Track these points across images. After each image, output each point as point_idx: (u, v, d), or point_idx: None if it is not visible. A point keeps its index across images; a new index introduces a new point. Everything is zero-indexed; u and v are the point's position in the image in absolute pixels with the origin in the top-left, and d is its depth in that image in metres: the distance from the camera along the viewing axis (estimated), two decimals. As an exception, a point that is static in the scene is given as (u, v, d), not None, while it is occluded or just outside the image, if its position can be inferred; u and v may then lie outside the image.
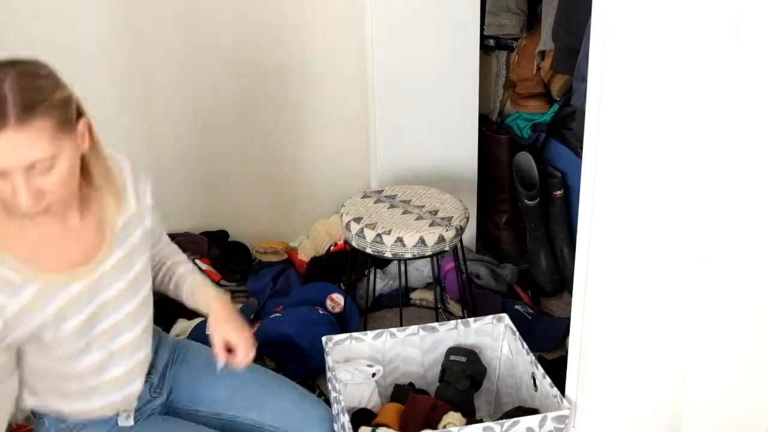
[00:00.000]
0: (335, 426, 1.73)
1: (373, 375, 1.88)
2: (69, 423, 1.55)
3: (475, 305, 2.45)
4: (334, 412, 1.75)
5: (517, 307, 2.53)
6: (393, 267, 2.68)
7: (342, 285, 2.53)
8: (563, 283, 2.72)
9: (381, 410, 1.85)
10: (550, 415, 1.67)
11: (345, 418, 1.68)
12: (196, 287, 1.70)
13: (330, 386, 1.85)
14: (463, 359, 1.92)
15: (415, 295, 2.66)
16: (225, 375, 1.67)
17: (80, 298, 1.43)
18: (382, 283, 2.64)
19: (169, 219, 2.31)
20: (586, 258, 1.55)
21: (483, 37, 2.80)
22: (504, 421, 1.64)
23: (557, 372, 1.85)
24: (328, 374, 1.86)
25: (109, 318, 1.49)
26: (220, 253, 2.73)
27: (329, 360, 1.84)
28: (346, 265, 2.41)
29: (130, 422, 1.60)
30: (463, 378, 1.90)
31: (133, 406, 1.60)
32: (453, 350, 1.96)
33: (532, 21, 2.84)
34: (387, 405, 1.86)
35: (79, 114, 1.34)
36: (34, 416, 1.59)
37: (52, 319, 1.41)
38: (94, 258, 1.46)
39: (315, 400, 1.76)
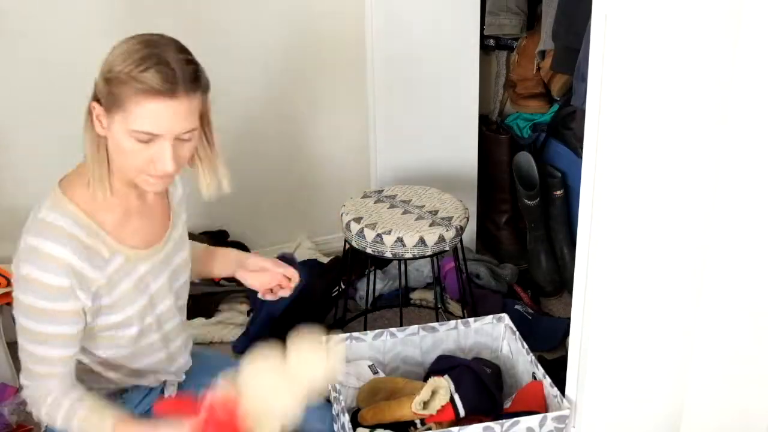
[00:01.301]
0: (335, 426, 1.73)
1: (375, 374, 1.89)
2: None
3: (475, 305, 2.45)
4: (333, 412, 1.75)
5: (517, 307, 2.53)
6: (393, 267, 2.68)
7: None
8: (563, 283, 2.72)
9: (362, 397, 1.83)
10: (550, 415, 1.67)
11: (345, 418, 1.68)
12: (210, 253, 1.75)
13: (329, 386, 1.85)
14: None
15: (415, 295, 2.66)
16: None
17: (153, 272, 1.49)
18: (382, 283, 2.64)
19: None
20: (586, 258, 1.55)
21: (483, 37, 2.80)
22: (504, 420, 1.65)
23: (557, 372, 1.85)
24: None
25: (167, 297, 1.54)
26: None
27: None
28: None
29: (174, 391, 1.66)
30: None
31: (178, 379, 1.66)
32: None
33: (532, 21, 2.83)
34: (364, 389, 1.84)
35: None
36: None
37: (129, 293, 1.45)
38: (164, 235, 1.52)
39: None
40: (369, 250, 2.12)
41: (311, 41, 2.70)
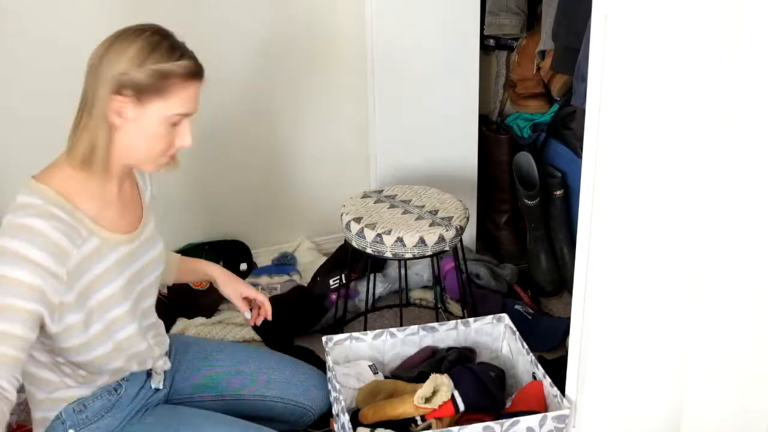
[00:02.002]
0: (336, 426, 1.73)
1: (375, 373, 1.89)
2: (89, 413, 1.58)
3: (475, 305, 2.45)
4: (334, 412, 1.75)
5: (517, 307, 2.53)
6: (393, 271, 2.68)
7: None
8: (563, 283, 2.72)
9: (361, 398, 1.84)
10: (550, 414, 1.67)
11: (345, 418, 1.68)
12: (188, 262, 1.87)
13: (330, 386, 1.85)
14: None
15: (415, 295, 2.66)
16: (222, 359, 1.80)
17: (124, 261, 1.52)
18: (382, 286, 2.64)
19: (168, 218, 2.32)
20: (586, 258, 1.55)
21: (483, 37, 2.80)
22: (504, 420, 1.65)
23: (557, 372, 1.85)
24: (329, 374, 1.86)
25: (141, 283, 1.58)
26: (219, 254, 2.73)
27: (329, 360, 1.83)
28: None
29: (160, 385, 1.69)
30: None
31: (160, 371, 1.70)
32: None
33: (532, 21, 2.83)
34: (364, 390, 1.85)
35: None
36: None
37: (100, 277, 1.46)
38: (137, 225, 1.58)
39: (309, 366, 1.90)
40: (369, 250, 2.12)
41: (311, 41, 2.70)
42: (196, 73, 1.45)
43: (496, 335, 2.01)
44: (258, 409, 1.80)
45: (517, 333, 1.92)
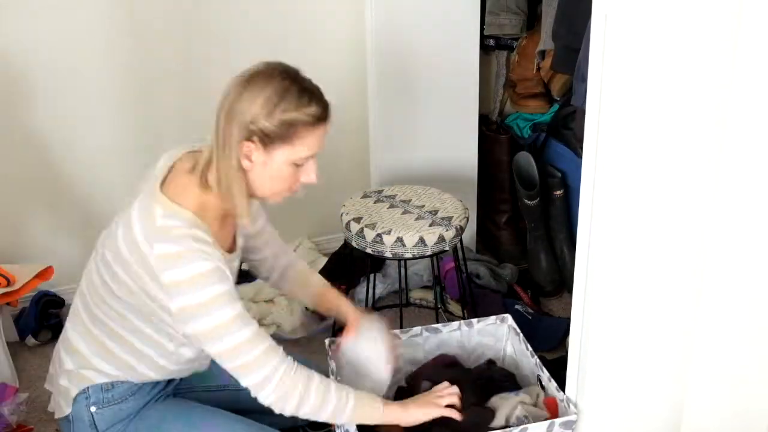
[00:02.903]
0: (338, 431, 1.72)
1: None
2: (115, 393, 1.63)
3: (475, 305, 2.45)
4: None
5: (517, 307, 2.53)
6: (393, 271, 2.68)
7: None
8: (563, 283, 2.72)
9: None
10: (558, 420, 1.65)
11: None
12: (329, 295, 1.89)
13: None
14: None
15: (415, 295, 2.66)
16: None
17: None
18: (382, 286, 2.64)
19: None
20: (586, 258, 1.55)
21: (483, 37, 2.80)
22: (512, 428, 1.63)
23: (557, 372, 1.84)
24: (330, 378, 1.84)
25: None
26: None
27: (332, 364, 1.82)
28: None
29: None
30: None
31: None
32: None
33: (532, 21, 2.84)
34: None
35: None
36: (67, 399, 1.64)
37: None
38: (233, 244, 1.67)
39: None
40: (369, 250, 2.12)
41: (311, 41, 2.70)
42: (322, 118, 1.49)
43: (499, 336, 2.00)
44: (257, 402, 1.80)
45: (521, 334, 1.91)
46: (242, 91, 1.46)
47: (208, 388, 1.82)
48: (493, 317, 1.99)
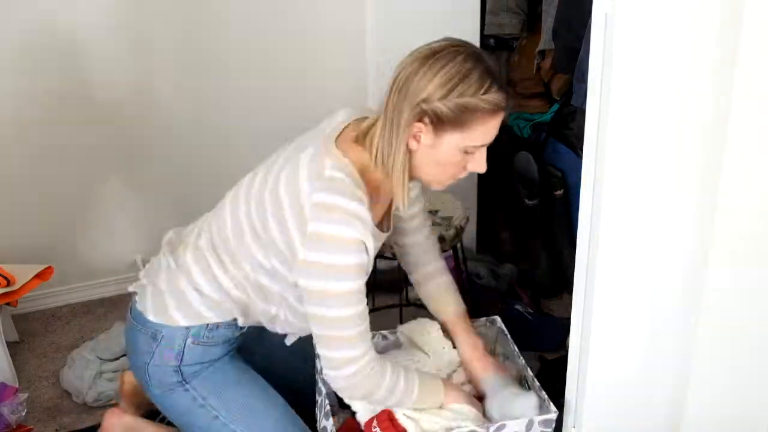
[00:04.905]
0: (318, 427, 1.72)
1: None
2: (214, 334, 1.61)
3: (474, 305, 2.45)
4: (317, 416, 1.74)
5: (517, 307, 2.53)
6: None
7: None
8: (563, 283, 2.72)
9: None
10: (537, 418, 1.66)
11: (328, 423, 1.65)
12: (461, 326, 1.83)
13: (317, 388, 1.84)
14: None
15: (415, 295, 2.65)
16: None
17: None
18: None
19: (168, 217, 2.31)
20: (586, 258, 1.55)
21: (483, 37, 2.80)
22: (490, 425, 1.63)
23: (557, 372, 1.84)
24: (318, 377, 1.83)
25: None
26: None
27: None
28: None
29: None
30: None
31: None
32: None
33: (532, 21, 2.83)
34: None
35: None
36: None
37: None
38: (386, 223, 1.63)
39: None
40: (369, 250, 2.12)
41: (311, 41, 2.70)
42: (501, 107, 1.41)
43: (490, 338, 2.00)
44: (301, 383, 1.82)
45: (509, 336, 1.91)
46: (420, 67, 1.39)
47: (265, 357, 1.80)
48: (483, 318, 1.98)
